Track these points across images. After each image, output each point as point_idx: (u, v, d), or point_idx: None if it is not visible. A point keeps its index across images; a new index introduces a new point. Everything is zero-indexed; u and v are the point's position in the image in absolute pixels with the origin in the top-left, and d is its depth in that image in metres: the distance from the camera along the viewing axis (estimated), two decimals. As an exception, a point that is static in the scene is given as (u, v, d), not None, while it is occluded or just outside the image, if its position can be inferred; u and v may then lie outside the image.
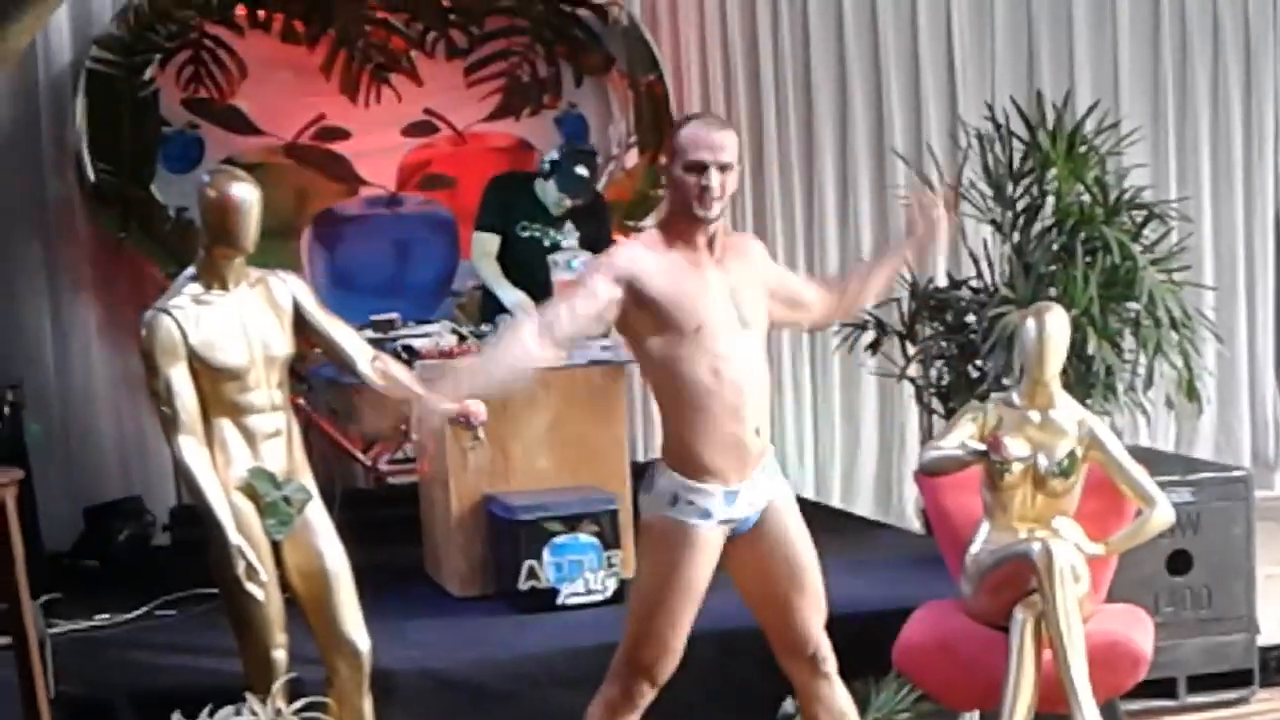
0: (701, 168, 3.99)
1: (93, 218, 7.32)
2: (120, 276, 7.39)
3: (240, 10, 7.47)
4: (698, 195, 4.00)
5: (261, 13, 7.51)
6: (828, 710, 4.26)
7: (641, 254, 4.06)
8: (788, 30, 8.24)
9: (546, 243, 6.61)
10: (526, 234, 6.64)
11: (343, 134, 7.69)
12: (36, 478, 6.56)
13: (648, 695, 4.14)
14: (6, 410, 6.28)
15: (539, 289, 6.34)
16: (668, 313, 4.00)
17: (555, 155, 6.71)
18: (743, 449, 4.06)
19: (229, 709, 4.14)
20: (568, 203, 6.62)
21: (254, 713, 4.11)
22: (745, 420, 4.05)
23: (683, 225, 4.07)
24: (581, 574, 5.62)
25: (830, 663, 4.24)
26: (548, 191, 6.63)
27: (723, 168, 4.01)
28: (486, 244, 6.68)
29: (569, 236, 6.58)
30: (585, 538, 5.61)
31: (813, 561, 4.22)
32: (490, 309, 6.58)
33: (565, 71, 7.98)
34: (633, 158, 7.97)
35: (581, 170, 6.67)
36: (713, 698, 5.10)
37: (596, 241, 6.47)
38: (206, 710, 4.12)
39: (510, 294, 6.53)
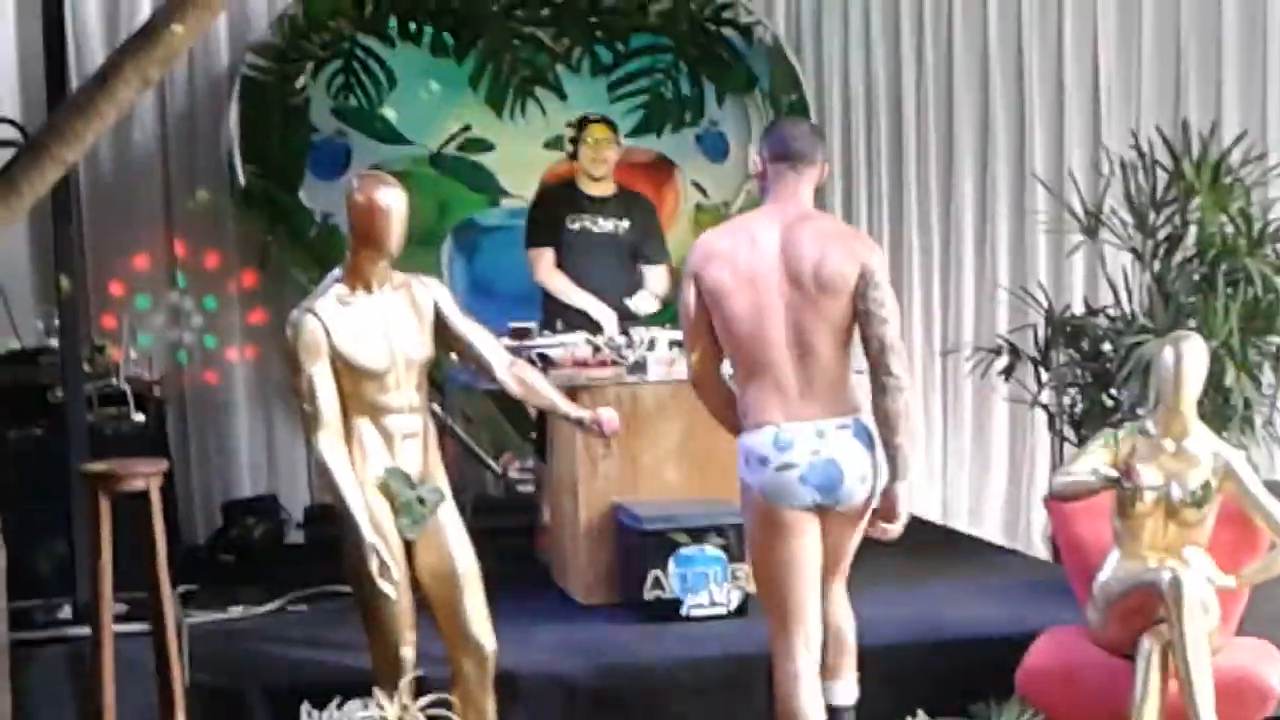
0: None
1: (240, 221, 7.49)
2: (263, 280, 7.54)
3: (393, 22, 7.63)
4: None
5: (413, 25, 7.66)
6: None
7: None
8: (931, 52, 8.24)
9: (596, 230, 6.81)
10: (576, 225, 6.84)
11: (487, 145, 7.81)
12: (177, 473, 6.73)
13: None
14: (151, 406, 6.42)
15: (606, 277, 6.66)
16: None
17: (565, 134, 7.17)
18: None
19: (357, 703, 4.22)
20: (599, 171, 6.84)
21: (381, 707, 4.17)
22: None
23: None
24: (706, 586, 5.62)
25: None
26: (579, 172, 6.88)
27: None
28: (543, 258, 6.83)
29: (620, 222, 6.85)
30: (711, 550, 5.62)
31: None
32: (552, 318, 6.67)
33: (708, 89, 8.04)
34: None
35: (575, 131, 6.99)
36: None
37: (648, 230, 6.89)
38: (335, 703, 4.20)
39: (586, 300, 6.72)
